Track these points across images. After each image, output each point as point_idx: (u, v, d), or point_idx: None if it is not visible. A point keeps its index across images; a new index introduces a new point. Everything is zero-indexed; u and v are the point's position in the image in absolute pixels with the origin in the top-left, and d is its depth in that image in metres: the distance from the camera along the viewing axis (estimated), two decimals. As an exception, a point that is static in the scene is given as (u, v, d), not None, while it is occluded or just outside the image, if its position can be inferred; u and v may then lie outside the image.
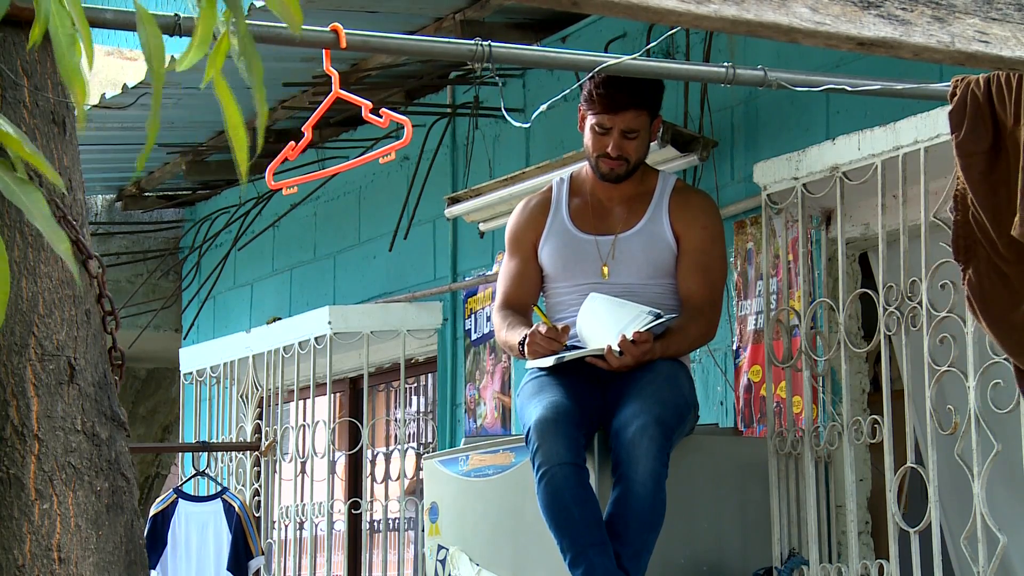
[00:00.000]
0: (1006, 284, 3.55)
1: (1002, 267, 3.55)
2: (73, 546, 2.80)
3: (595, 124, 4.62)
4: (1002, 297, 3.55)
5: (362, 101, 4.24)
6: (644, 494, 4.27)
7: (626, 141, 4.63)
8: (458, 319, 6.79)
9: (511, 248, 4.82)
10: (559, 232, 4.73)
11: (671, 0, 2.76)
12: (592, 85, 4.60)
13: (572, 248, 4.70)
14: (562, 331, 4.47)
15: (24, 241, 2.86)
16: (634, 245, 4.65)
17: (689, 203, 4.72)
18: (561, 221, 4.74)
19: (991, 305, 3.57)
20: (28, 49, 2.90)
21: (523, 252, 4.78)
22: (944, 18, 3.13)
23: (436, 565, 4.93)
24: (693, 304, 4.61)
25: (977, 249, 3.58)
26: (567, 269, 4.70)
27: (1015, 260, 3.52)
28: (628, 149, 4.64)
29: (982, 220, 3.56)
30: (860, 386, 5.02)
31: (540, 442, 4.31)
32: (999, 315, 3.56)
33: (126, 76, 7.59)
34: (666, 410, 4.36)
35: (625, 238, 4.67)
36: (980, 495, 4.13)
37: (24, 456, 2.79)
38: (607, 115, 4.59)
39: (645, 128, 4.65)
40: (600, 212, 4.73)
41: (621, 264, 4.64)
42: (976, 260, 3.59)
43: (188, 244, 8.86)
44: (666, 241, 4.66)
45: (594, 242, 4.68)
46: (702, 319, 4.61)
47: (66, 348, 2.86)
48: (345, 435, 7.29)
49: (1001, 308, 3.55)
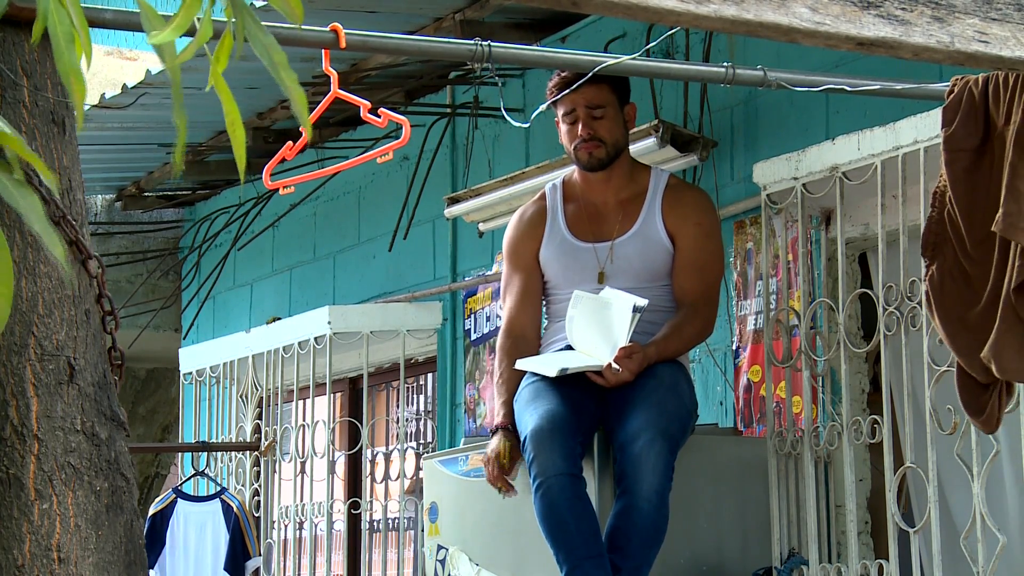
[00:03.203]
0: (968, 284, 3.56)
1: (966, 266, 3.55)
2: (73, 546, 2.79)
3: (563, 114, 4.62)
4: (961, 296, 3.56)
5: (361, 101, 4.24)
6: (648, 509, 4.25)
7: (594, 120, 4.59)
8: (458, 319, 6.79)
9: (512, 262, 4.79)
10: (557, 242, 4.71)
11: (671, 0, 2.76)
12: (551, 83, 4.60)
13: (570, 257, 4.68)
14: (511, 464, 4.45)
15: (24, 241, 2.86)
16: (629, 250, 4.64)
17: (682, 200, 4.69)
18: (559, 230, 4.72)
19: (948, 303, 3.58)
20: (28, 49, 2.90)
21: (525, 264, 4.75)
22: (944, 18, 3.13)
23: (436, 565, 4.93)
24: (688, 302, 4.60)
25: (945, 247, 3.60)
26: (566, 277, 4.68)
27: (981, 260, 3.53)
28: (600, 129, 4.60)
29: (956, 218, 3.57)
30: (860, 386, 5.02)
31: (536, 453, 4.30)
32: (954, 314, 3.57)
33: (126, 76, 7.59)
34: (671, 422, 4.34)
35: (620, 243, 4.65)
36: (980, 495, 4.13)
37: (24, 456, 2.79)
38: (567, 98, 4.57)
39: (612, 105, 4.61)
40: (595, 217, 4.71)
41: (618, 270, 4.63)
42: (942, 257, 3.60)
43: (188, 244, 8.86)
44: (661, 243, 4.64)
45: (592, 250, 4.67)
46: (697, 317, 4.59)
47: (66, 348, 2.86)
48: (345, 435, 7.29)
49: (957, 307, 3.56)
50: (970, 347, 3.52)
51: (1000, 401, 3.58)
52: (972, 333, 3.52)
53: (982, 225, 3.51)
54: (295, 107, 1.93)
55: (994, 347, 3.44)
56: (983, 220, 3.50)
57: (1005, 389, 3.58)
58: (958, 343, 3.57)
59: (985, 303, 3.51)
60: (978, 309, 3.52)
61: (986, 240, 3.51)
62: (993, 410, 3.58)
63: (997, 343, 3.44)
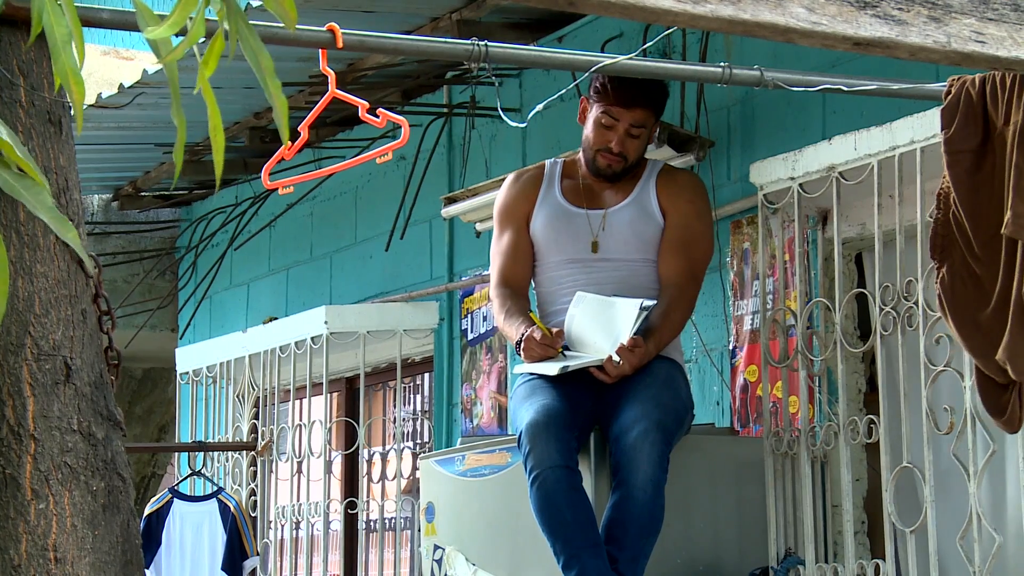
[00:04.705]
0: (977, 285, 3.56)
1: (975, 267, 3.55)
2: (69, 546, 2.79)
3: (603, 116, 4.64)
4: (972, 297, 3.56)
5: (359, 101, 4.23)
6: (644, 499, 4.27)
7: (630, 139, 4.66)
8: (454, 319, 6.79)
9: (503, 220, 4.82)
10: (551, 205, 4.76)
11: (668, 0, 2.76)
12: (605, 78, 4.61)
13: (563, 221, 4.72)
14: (556, 335, 4.48)
15: (20, 240, 2.85)
16: (623, 218, 4.69)
17: (676, 180, 4.79)
18: (553, 195, 4.78)
19: (960, 305, 3.58)
20: (24, 49, 2.90)
21: (516, 224, 4.78)
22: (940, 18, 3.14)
23: (432, 565, 4.93)
24: (672, 283, 4.62)
25: (953, 249, 3.60)
26: (558, 243, 4.71)
27: (988, 261, 3.53)
28: (630, 148, 4.67)
29: (961, 219, 3.57)
30: (856, 386, 5.02)
31: (532, 446, 4.31)
32: (967, 315, 3.57)
33: (122, 76, 7.57)
34: (666, 415, 4.36)
35: (614, 211, 4.70)
36: (976, 495, 4.14)
37: (20, 456, 2.79)
38: (619, 108, 4.62)
39: (649, 128, 4.70)
40: (591, 191, 4.77)
41: (610, 238, 4.67)
42: (951, 259, 3.60)
43: (184, 244, 8.86)
44: (653, 217, 4.70)
45: (585, 216, 4.71)
46: (683, 299, 4.63)
47: (62, 348, 2.86)
48: (341, 435, 7.29)
49: (969, 308, 3.56)
50: (984, 349, 3.52)
51: (1021, 401, 3.58)
52: (985, 335, 3.53)
53: (988, 226, 3.50)
54: (277, 116, 1.94)
55: (1008, 350, 3.44)
56: (988, 221, 3.50)
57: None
58: (972, 345, 3.57)
59: (995, 304, 3.51)
60: (989, 311, 3.52)
61: (993, 240, 3.51)
62: (1015, 410, 3.58)
63: (1011, 345, 3.44)
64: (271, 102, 1.95)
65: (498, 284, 4.75)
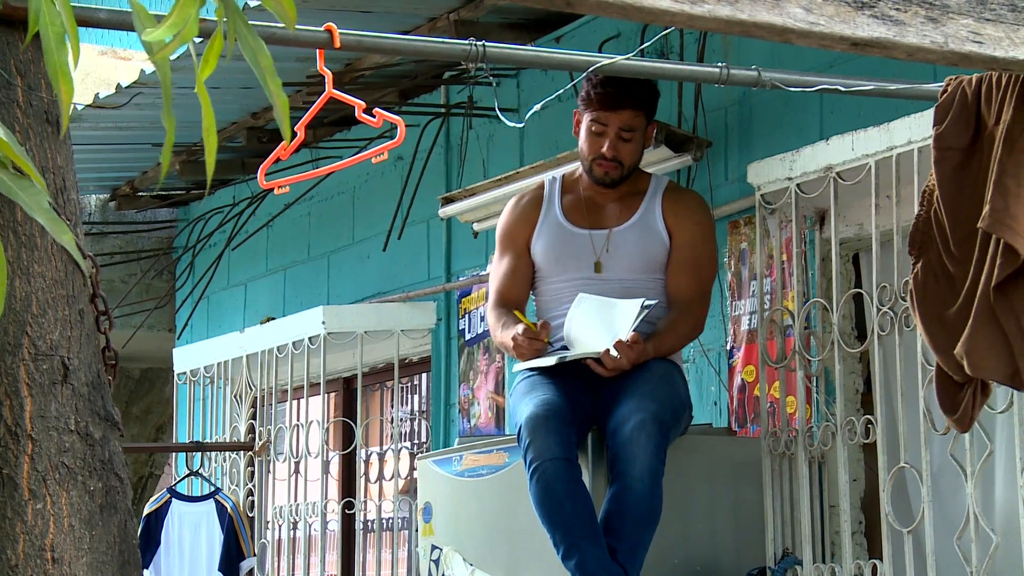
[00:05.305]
0: (950, 283, 3.55)
1: (949, 266, 3.55)
2: (67, 546, 2.79)
3: (592, 122, 4.63)
4: (942, 295, 3.56)
5: (356, 101, 4.23)
6: (641, 490, 4.28)
7: (622, 143, 4.64)
8: (452, 319, 6.79)
9: (503, 245, 4.83)
10: (552, 227, 4.75)
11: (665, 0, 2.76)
12: (590, 85, 4.61)
13: (566, 242, 4.71)
14: (542, 328, 4.49)
15: (18, 241, 2.86)
16: (628, 239, 4.68)
17: (682, 200, 4.77)
18: (554, 216, 4.76)
19: (929, 302, 3.58)
20: (22, 48, 2.90)
21: (516, 248, 4.79)
22: (938, 18, 3.14)
23: (430, 565, 4.93)
24: (682, 300, 4.64)
25: (930, 246, 3.60)
26: (560, 263, 4.71)
27: (963, 260, 3.53)
28: (623, 152, 4.65)
29: (941, 217, 3.57)
30: (853, 386, 5.02)
31: (531, 438, 4.32)
32: (934, 312, 3.56)
33: (120, 76, 7.57)
34: (663, 408, 4.37)
35: (619, 232, 4.69)
36: (973, 495, 4.14)
37: (17, 456, 2.79)
38: (605, 112, 4.61)
39: (641, 130, 4.68)
40: (593, 208, 4.75)
41: (615, 258, 4.66)
42: (927, 256, 3.60)
43: (182, 244, 8.86)
44: (659, 236, 4.69)
45: (588, 236, 4.70)
46: (691, 315, 4.64)
47: (60, 348, 2.86)
48: (339, 435, 7.29)
49: (937, 306, 3.56)
50: (947, 345, 3.52)
51: (975, 400, 3.57)
52: (949, 331, 3.52)
53: (966, 224, 3.51)
54: (277, 114, 1.94)
55: (966, 344, 3.44)
56: (967, 219, 3.50)
57: (980, 389, 3.57)
58: (936, 341, 3.57)
59: (962, 301, 3.51)
60: (955, 307, 3.52)
61: (969, 239, 3.51)
62: (967, 409, 3.57)
63: (969, 340, 3.44)
64: (272, 101, 1.95)
65: (495, 304, 4.75)
